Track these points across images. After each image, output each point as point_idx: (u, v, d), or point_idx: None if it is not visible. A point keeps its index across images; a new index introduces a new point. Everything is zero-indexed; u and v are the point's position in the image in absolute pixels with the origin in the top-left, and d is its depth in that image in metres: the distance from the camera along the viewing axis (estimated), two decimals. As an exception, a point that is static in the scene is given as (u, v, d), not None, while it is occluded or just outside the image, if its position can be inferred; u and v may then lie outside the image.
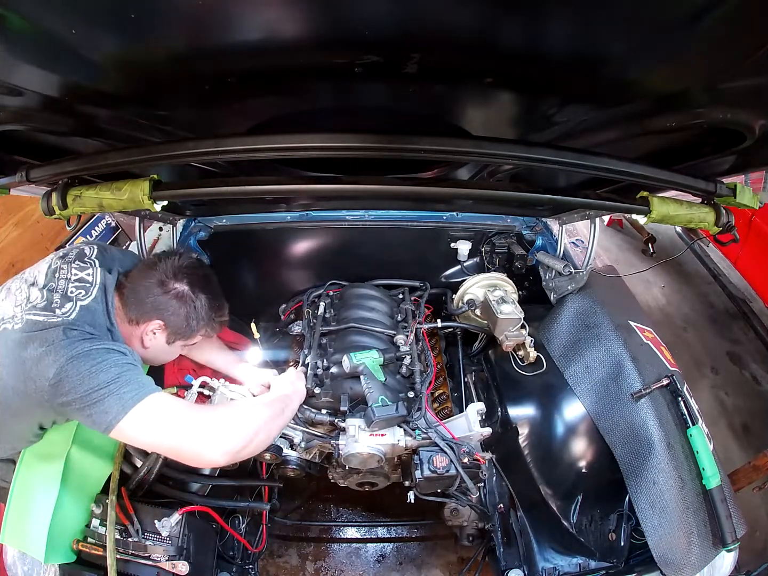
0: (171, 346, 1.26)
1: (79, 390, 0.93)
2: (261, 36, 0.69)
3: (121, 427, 0.94)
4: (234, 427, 1.02)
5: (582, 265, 1.61)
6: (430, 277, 2.00)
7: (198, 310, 1.22)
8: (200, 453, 0.98)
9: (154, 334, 1.20)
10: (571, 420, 1.46)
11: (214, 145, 0.89)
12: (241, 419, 1.05)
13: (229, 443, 0.99)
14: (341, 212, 1.87)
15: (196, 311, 1.22)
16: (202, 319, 1.24)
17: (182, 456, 1.00)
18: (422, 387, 1.42)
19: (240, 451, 1.01)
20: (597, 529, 1.35)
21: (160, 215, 1.64)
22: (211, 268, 1.34)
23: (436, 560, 2.01)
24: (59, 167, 0.98)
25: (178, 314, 1.19)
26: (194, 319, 1.22)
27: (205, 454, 0.98)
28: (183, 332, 1.23)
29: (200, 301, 1.22)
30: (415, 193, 1.18)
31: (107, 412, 0.93)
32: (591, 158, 0.94)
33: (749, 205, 1.10)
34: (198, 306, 1.22)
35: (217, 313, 1.29)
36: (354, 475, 1.53)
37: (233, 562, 1.46)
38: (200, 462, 1.03)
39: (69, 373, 0.94)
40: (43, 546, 1.08)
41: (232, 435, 1.01)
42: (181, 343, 1.27)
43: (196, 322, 1.23)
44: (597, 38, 0.69)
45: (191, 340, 1.28)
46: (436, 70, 0.80)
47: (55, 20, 0.61)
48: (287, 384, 1.32)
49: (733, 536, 1.14)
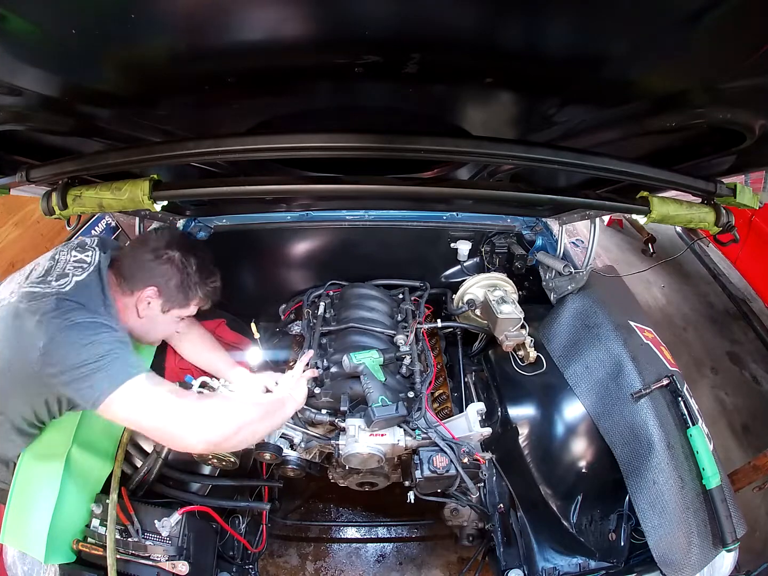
0: (166, 316, 1.26)
1: (67, 362, 0.94)
2: (261, 36, 0.69)
3: (108, 403, 0.95)
4: (218, 419, 1.05)
5: (582, 265, 1.61)
6: (430, 277, 2.00)
7: (191, 275, 1.24)
8: (181, 437, 1.01)
9: (149, 303, 1.21)
10: (571, 420, 1.46)
11: (214, 145, 0.89)
12: (227, 413, 1.07)
13: (210, 433, 1.02)
14: (341, 212, 1.87)
15: (189, 277, 1.23)
16: (196, 285, 1.25)
17: (162, 438, 1.04)
18: (422, 387, 1.42)
19: (221, 443, 1.04)
20: (597, 529, 1.35)
21: (160, 215, 1.64)
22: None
23: (436, 560, 2.01)
24: (59, 167, 0.98)
25: (171, 280, 1.21)
26: (187, 284, 1.23)
27: (186, 438, 1.01)
28: (177, 299, 1.24)
29: (192, 267, 1.24)
30: (415, 193, 1.18)
31: (94, 388, 0.95)
32: (591, 158, 0.94)
33: (749, 205, 1.10)
34: (190, 272, 1.23)
35: (209, 279, 1.30)
36: (354, 475, 1.53)
37: (233, 562, 1.46)
38: (179, 446, 1.05)
39: (59, 344, 0.94)
40: (43, 546, 1.08)
41: (215, 426, 1.03)
42: (176, 312, 1.27)
43: (189, 288, 1.24)
44: (597, 38, 0.69)
45: (186, 309, 1.29)
46: (436, 70, 0.80)
47: (55, 20, 0.61)
48: (285, 388, 1.32)
49: (733, 536, 1.14)
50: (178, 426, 1.00)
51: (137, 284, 1.19)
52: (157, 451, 1.28)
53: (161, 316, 1.25)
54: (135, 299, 1.20)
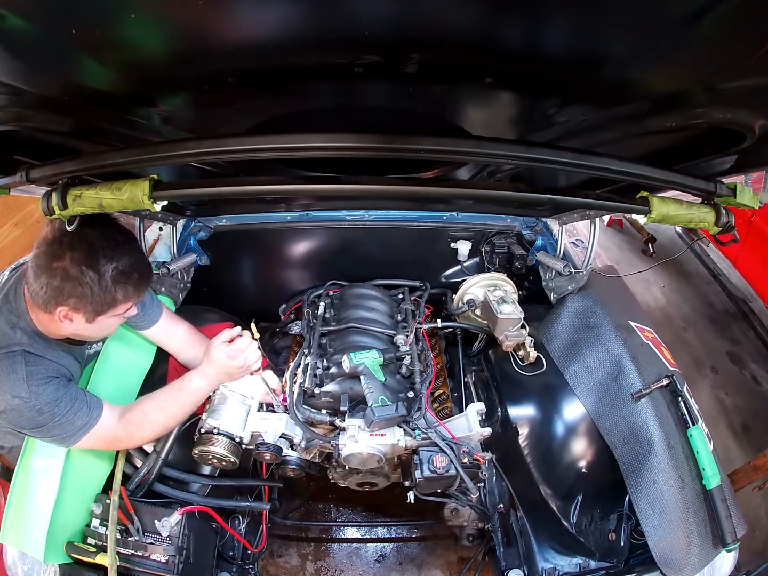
0: (97, 323, 1.12)
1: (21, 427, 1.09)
2: (261, 36, 0.69)
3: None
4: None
5: (582, 265, 1.61)
6: (430, 277, 2.00)
7: (92, 285, 1.05)
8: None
9: (70, 319, 1.08)
10: (571, 420, 1.46)
11: (214, 145, 0.88)
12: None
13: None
14: (341, 212, 1.87)
15: (90, 287, 1.05)
16: (104, 291, 1.07)
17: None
18: (422, 387, 1.42)
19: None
20: (597, 529, 1.35)
21: (160, 215, 1.64)
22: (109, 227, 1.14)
23: (436, 560, 2.01)
24: (59, 167, 0.97)
25: (74, 295, 1.05)
26: (94, 294, 1.06)
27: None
28: (95, 309, 1.09)
29: (88, 274, 1.04)
30: (415, 193, 1.18)
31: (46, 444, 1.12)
32: (591, 158, 0.94)
33: (749, 205, 1.10)
34: (89, 281, 1.05)
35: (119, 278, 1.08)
36: (354, 475, 1.53)
37: (233, 562, 1.46)
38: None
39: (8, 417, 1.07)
40: (43, 546, 1.08)
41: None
42: (105, 317, 1.12)
43: (99, 296, 1.07)
44: (597, 38, 0.69)
45: (116, 310, 1.13)
46: (436, 70, 0.79)
47: (55, 20, 0.61)
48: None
49: (733, 536, 1.14)
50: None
51: (47, 304, 1.06)
52: (157, 451, 1.29)
53: (92, 324, 1.12)
54: (55, 317, 1.07)
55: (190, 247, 1.85)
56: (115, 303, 1.11)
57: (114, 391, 1.33)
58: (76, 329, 1.12)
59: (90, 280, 1.05)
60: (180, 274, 1.77)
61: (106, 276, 1.06)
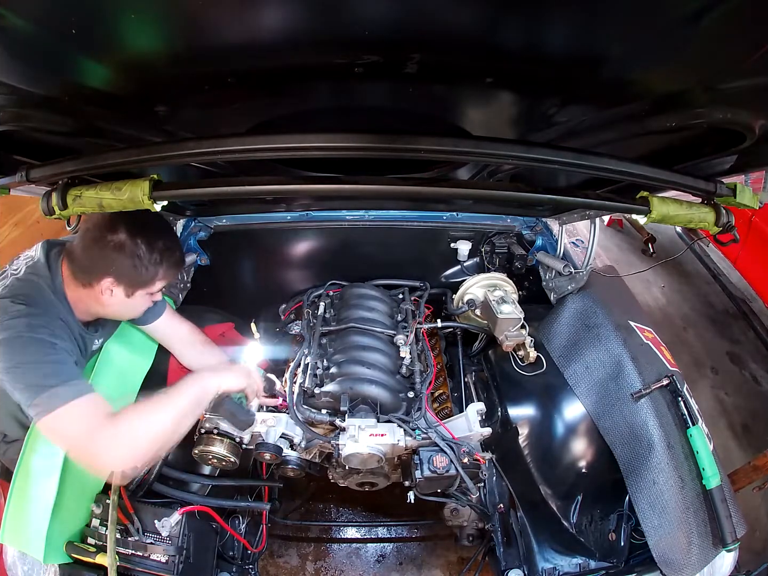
0: (133, 298, 1.22)
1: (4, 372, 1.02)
2: (261, 36, 0.69)
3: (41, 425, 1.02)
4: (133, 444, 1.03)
5: (582, 265, 1.61)
6: (430, 277, 2.00)
7: (142, 257, 1.16)
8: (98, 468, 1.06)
9: (111, 291, 1.17)
10: (571, 420, 1.46)
11: (214, 145, 0.88)
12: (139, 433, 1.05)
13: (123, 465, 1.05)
14: (341, 212, 1.87)
15: (141, 259, 1.16)
16: (151, 264, 1.18)
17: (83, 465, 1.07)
18: (422, 387, 1.42)
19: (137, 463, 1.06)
20: (597, 529, 1.35)
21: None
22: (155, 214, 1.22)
23: (436, 560, 2.01)
24: (59, 167, 0.97)
25: (123, 266, 1.15)
26: (142, 266, 1.17)
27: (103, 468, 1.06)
28: (137, 282, 1.19)
29: (142, 247, 1.16)
30: (415, 193, 1.18)
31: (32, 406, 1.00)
32: (591, 158, 0.94)
33: (749, 205, 1.10)
34: (141, 253, 1.16)
35: (164, 255, 1.20)
36: (354, 475, 1.53)
37: (233, 562, 1.46)
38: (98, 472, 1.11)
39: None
40: (42, 546, 1.08)
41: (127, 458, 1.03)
42: (142, 292, 1.22)
43: (146, 268, 1.18)
44: (597, 38, 0.69)
45: (152, 286, 1.23)
46: (436, 70, 0.80)
47: (55, 20, 0.61)
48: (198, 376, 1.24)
49: (733, 536, 1.14)
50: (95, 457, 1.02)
51: (92, 276, 1.15)
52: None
53: (128, 299, 1.21)
54: (96, 292, 1.17)
55: (190, 247, 1.85)
56: (154, 279, 1.22)
57: (114, 390, 1.33)
58: (110, 305, 1.20)
59: (142, 252, 1.16)
60: (180, 274, 1.77)
61: (156, 250, 1.18)
